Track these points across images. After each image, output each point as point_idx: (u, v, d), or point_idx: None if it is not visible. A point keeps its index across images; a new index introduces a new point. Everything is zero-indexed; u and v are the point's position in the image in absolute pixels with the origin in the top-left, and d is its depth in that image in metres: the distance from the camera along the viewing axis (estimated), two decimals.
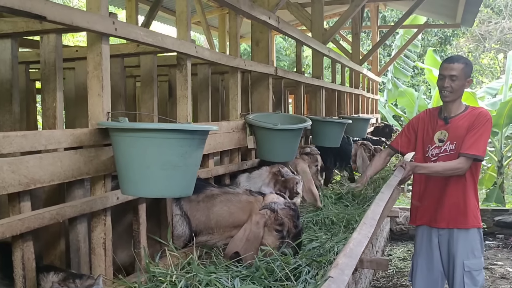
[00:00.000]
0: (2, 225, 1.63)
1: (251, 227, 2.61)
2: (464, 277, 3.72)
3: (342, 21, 6.52)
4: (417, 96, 14.28)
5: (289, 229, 2.68)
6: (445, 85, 3.70)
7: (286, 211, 2.71)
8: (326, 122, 4.71)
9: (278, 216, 2.68)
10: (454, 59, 3.78)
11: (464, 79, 3.70)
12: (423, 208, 3.92)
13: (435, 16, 12.53)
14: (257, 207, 2.70)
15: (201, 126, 2.06)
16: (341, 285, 1.49)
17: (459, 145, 3.71)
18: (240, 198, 2.76)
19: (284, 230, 2.66)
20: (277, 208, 2.70)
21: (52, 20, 1.84)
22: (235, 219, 2.71)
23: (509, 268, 7.79)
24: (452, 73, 3.67)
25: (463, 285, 3.72)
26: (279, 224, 2.66)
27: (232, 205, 2.73)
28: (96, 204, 2.09)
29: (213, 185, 2.95)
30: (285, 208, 2.73)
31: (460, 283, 3.74)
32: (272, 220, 2.67)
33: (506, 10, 22.60)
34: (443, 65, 3.75)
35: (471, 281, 3.73)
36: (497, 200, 11.32)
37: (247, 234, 2.60)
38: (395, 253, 8.76)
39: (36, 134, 1.79)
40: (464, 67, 3.69)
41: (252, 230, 2.62)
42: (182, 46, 2.76)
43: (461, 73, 3.67)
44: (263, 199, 2.76)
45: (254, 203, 2.73)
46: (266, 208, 2.69)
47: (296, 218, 2.72)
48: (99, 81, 2.19)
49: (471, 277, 3.73)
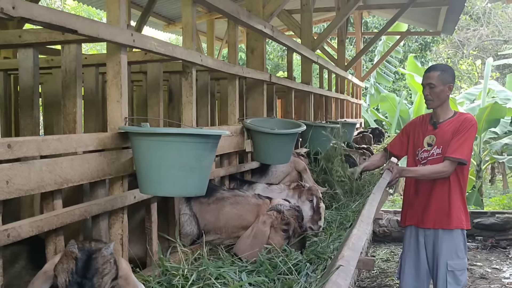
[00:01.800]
0: (41, 220, 1.80)
1: (258, 226, 2.80)
2: (447, 277, 3.89)
3: (331, 29, 6.75)
4: (398, 101, 14.60)
5: (295, 229, 2.86)
6: (426, 94, 3.94)
7: (291, 212, 2.90)
8: (317, 126, 4.91)
9: (284, 217, 2.86)
10: (431, 68, 4.01)
11: (442, 85, 3.89)
12: (412, 210, 4.13)
13: (417, 24, 12.87)
14: (264, 209, 2.89)
15: (215, 131, 2.25)
16: (348, 274, 1.68)
17: (445, 149, 3.89)
18: (249, 201, 2.95)
19: (290, 229, 2.84)
20: (283, 210, 2.89)
21: (82, 33, 2.01)
22: (243, 221, 2.90)
23: (488, 269, 8.06)
24: (429, 81, 3.90)
25: (446, 285, 3.89)
26: (285, 224, 2.84)
27: (241, 207, 2.92)
28: (116, 203, 2.26)
29: (223, 188, 3.13)
30: (291, 209, 2.92)
31: (443, 282, 3.91)
32: (279, 220, 2.85)
33: (484, 18, 23.15)
34: (423, 75, 4.01)
35: (454, 280, 3.90)
36: (476, 203, 11.64)
37: (254, 232, 2.78)
38: (379, 254, 8.98)
39: (68, 138, 1.96)
40: (440, 74, 3.89)
41: (259, 228, 2.80)
42: (189, 55, 2.94)
43: (438, 80, 3.88)
44: (270, 202, 2.95)
45: (262, 205, 2.92)
46: (273, 210, 2.88)
47: (301, 219, 2.92)
48: (118, 89, 2.36)
49: (454, 276, 3.91)
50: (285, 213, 2.85)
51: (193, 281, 2.34)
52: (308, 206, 3.41)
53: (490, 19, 23.31)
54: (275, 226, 2.84)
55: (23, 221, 1.77)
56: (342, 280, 1.62)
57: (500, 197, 13.05)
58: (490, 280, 7.54)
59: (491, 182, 17.53)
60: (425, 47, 19.86)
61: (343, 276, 1.66)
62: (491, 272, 7.95)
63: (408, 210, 4.19)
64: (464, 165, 3.90)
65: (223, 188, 3.15)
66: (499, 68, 21.52)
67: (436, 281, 4.00)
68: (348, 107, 9.32)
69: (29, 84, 2.54)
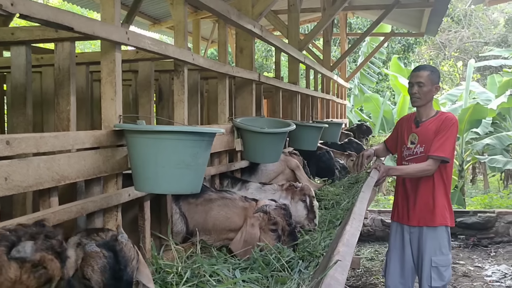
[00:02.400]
0: (38, 217, 1.79)
1: (247, 229, 2.83)
2: (432, 273, 3.96)
3: (317, 30, 6.80)
4: (382, 102, 14.74)
5: (283, 227, 2.89)
6: (414, 92, 4.01)
7: (277, 211, 2.93)
8: (305, 126, 4.95)
9: (271, 217, 2.89)
10: (421, 67, 4.11)
11: (431, 85, 3.99)
12: (398, 207, 4.20)
13: (401, 25, 13.00)
14: (251, 212, 2.92)
15: (211, 129, 2.26)
16: (345, 269, 1.71)
17: (427, 147, 3.98)
18: (237, 204, 2.97)
19: (278, 229, 2.87)
20: (269, 210, 2.91)
21: (78, 31, 2.02)
22: (231, 223, 2.92)
23: (470, 267, 8.18)
24: (419, 80, 3.98)
25: (430, 280, 3.96)
26: (273, 223, 2.87)
27: (228, 210, 2.94)
28: (112, 200, 2.26)
29: (211, 190, 3.15)
30: (277, 208, 2.94)
31: (427, 278, 3.98)
32: (266, 221, 2.88)
33: (465, 20, 23.45)
34: (412, 74, 4.09)
35: (438, 276, 3.97)
36: (458, 203, 11.80)
37: (244, 236, 2.81)
38: (363, 253, 9.05)
39: (65, 135, 1.96)
40: (430, 74, 3.99)
41: (248, 231, 2.83)
42: (181, 54, 2.95)
43: (427, 80, 3.97)
44: (256, 204, 2.98)
45: (248, 208, 2.95)
46: (259, 212, 2.90)
47: (288, 217, 2.94)
48: (112, 87, 2.36)
49: (438, 272, 3.98)
50: (272, 213, 2.88)
51: (188, 279, 2.36)
52: (302, 206, 3.46)
53: (471, 21, 23.64)
54: (263, 227, 2.87)
55: (21, 218, 1.77)
56: (340, 275, 1.65)
57: (481, 197, 13.24)
58: (473, 278, 7.65)
59: (472, 182, 17.76)
60: (408, 49, 20.06)
61: (340, 271, 1.69)
62: (474, 270, 8.07)
63: (395, 207, 4.26)
64: (447, 163, 3.98)
65: (211, 189, 3.17)
66: (480, 70, 21.82)
67: (421, 277, 4.07)
68: (333, 107, 9.38)
69: (21, 81, 2.53)
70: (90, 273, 1.67)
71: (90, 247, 1.69)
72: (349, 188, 5.08)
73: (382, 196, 14.25)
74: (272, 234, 2.87)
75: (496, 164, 11.33)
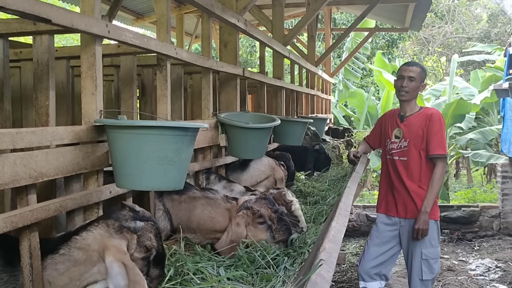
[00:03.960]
0: (15, 215, 1.73)
1: (233, 229, 2.80)
2: (422, 265, 4.00)
3: (302, 24, 6.76)
4: (366, 97, 14.76)
5: (270, 216, 2.86)
6: (404, 85, 4.02)
7: (259, 203, 2.90)
8: (290, 121, 4.91)
9: (254, 211, 2.86)
10: (413, 63, 4.16)
11: (420, 82, 4.05)
12: (389, 200, 4.20)
13: (385, 20, 13.00)
14: (234, 212, 2.88)
15: (194, 124, 2.21)
16: (331, 266, 1.68)
17: (411, 142, 4.03)
18: (220, 204, 2.93)
19: (266, 220, 2.84)
20: (250, 204, 2.88)
21: (56, 23, 1.95)
22: (216, 224, 2.88)
23: (455, 261, 8.23)
24: (411, 74, 4.01)
25: (421, 273, 4.00)
26: (258, 216, 2.84)
27: (212, 210, 2.90)
28: (92, 197, 2.21)
29: (195, 188, 3.10)
30: (257, 201, 2.91)
31: (418, 270, 4.02)
32: (251, 216, 2.85)
33: (449, 15, 23.59)
34: (403, 67, 4.09)
35: (428, 269, 4.02)
36: (442, 197, 11.88)
37: (231, 236, 2.78)
38: (348, 248, 9.06)
39: (43, 131, 1.90)
40: (421, 71, 4.06)
41: (235, 231, 2.80)
42: (164, 48, 2.89)
43: (418, 76, 4.03)
44: (237, 203, 2.94)
45: (231, 209, 2.91)
46: (242, 209, 2.87)
47: (271, 205, 2.91)
48: (92, 81, 2.30)
49: (429, 265, 4.02)
50: (254, 207, 2.85)
51: (171, 277, 2.31)
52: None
53: (454, 16, 23.79)
54: (250, 224, 2.83)
55: None
56: (326, 272, 1.62)
57: (465, 191, 13.35)
58: (457, 272, 7.69)
59: (456, 176, 17.91)
60: (392, 44, 20.12)
61: (326, 268, 1.66)
62: (458, 264, 8.12)
63: (383, 199, 4.26)
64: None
65: (195, 188, 3.12)
66: (463, 65, 21.97)
67: (411, 269, 4.10)
68: (318, 103, 9.37)
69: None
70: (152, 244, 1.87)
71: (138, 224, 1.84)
72: (334, 184, 5.07)
73: (367, 191, 14.30)
74: (261, 226, 2.84)
75: (480, 158, 11.41)
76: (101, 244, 1.68)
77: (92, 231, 1.73)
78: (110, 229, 1.74)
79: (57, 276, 1.76)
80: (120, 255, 1.65)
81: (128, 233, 1.77)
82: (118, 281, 1.60)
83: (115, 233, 1.73)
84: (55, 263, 1.76)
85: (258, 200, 2.92)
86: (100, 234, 1.72)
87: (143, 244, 1.81)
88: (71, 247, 1.75)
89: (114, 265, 1.63)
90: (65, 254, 1.75)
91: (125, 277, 1.61)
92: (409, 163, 4.05)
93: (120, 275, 1.60)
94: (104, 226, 1.74)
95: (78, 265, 1.72)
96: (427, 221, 3.95)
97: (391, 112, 4.43)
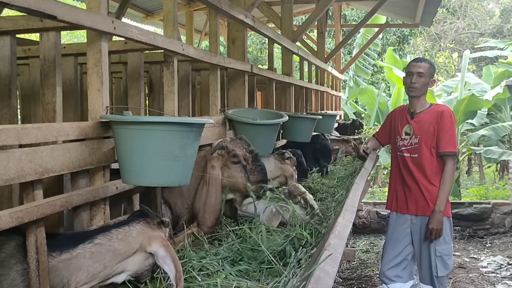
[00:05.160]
0: (21, 211, 1.75)
1: (208, 172, 2.74)
2: (437, 262, 4.01)
3: (311, 21, 6.74)
4: (377, 94, 14.69)
5: (245, 156, 2.79)
6: (413, 81, 4.03)
7: (233, 142, 2.83)
8: (298, 118, 4.90)
9: (229, 149, 2.79)
10: (422, 59, 4.16)
11: (429, 77, 4.06)
12: (399, 197, 4.19)
13: (395, 16, 12.92)
14: (208, 155, 2.82)
15: (199, 119, 2.21)
16: (336, 261, 1.67)
17: (422, 139, 4.04)
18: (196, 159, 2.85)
19: (240, 159, 2.78)
20: (225, 144, 2.80)
21: (61, 20, 1.96)
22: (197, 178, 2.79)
23: (466, 258, 8.19)
24: (420, 70, 4.01)
25: (436, 270, 4.00)
26: (233, 156, 2.78)
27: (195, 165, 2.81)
28: (98, 193, 2.21)
29: None
30: (232, 140, 2.85)
31: (433, 267, 4.02)
32: (226, 156, 2.78)
33: (461, 11, 23.38)
34: (412, 64, 4.09)
35: (442, 265, 4.02)
36: (454, 194, 11.80)
37: (207, 180, 2.73)
38: (358, 245, 9.04)
39: (48, 127, 1.91)
40: (430, 67, 4.06)
41: (210, 173, 2.74)
42: (170, 44, 2.89)
43: (427, 72, 4.03)
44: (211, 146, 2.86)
45: (205, 154, 2.84)
46: (216, 149, 2.79)
47: (246, 145, 2.83)
48: (98, 77, 2.31)
49: (443, 261, 4.03)
50: (228, 146, 2.78)
51: None
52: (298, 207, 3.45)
53: (466, 12, 23.57)
54: (225, 164, 2.77)
55: (3, 211, 1.71)
56: (330, 268, 1.61)
57: (477, 188, 13.25)
58: (468, 269, 7.66)
59: (468, 173, 17.78)
60: (403, 40, 19.98)
61: (331, 263, 1.66)
62: (469, 261, 8.08)
63: (393, 197, 4.25)
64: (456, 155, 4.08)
65: None
66: (475, 61, 21.77)
67: (426, 267, 4.10)
68: (328, 99, 9.33)
69: (6, 73, 2.47)
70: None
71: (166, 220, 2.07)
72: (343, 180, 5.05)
73: (378, 188, 14.24)
74: (236, 166, 2.78)
75: (492, 155, 11.31)
76: (146, 236, 1.97)
77: (135, 227, 1.99)
78: (151, 225, 2.02)
79: (91, 264, 1.89)
80: (164, 242, 1.99)
81: (164, 228, 2.07)
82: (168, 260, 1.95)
83: (156, 228, 2.03)
84: (91, 252, 1.89)
85: (234, 140, 2.85)
86: (143, 229, 1.99)
87: (171, 235, 2.14)
88: (111, 238, 1.94)
89: (161, 250, 1.96)
90: (103, 244, 1.92)
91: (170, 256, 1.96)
92: (420, 160, 4.04)
93: (168, 257, 1.96)
94: (145, 223, 2.01)
95: (117, 255, 1.93)
96: (441, 220, 3.94)
97: (401, 108, 4.41)
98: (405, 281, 4.18)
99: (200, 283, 2.24)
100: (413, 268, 4.28)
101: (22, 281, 1.84)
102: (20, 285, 1.83)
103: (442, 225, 3.93)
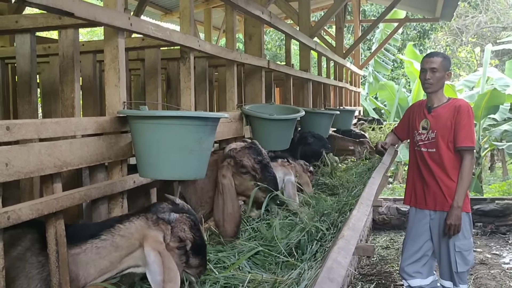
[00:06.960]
0: (41, 203, 1.79)
1: (221, 182, 2.74)
2: (456, 257, 3.98)
3: (329, 16, 6.73)
4: (397, 89, 14.56)
5: (253, 167, 2.77)
6: (427, 77, 4.00)
7: (242, 151, 2.78)
8: (316, 113, 4.91)
9: (237, 160, 2.77)
10: (434, 54, 4.11)
11: (443, 71, 4.01)
12: (417, 193, 4.18)
13: (415, 11, 12.81)
14: (219, 163, 2.81)
15: (214, 114, 2.24)
16: (348, 252, 1.69)
17: (439, 134, 4.01)
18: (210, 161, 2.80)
19: (249, 170, 2.77)
20: (234, 154, 2.78)
21: (79, 16, 2.00)
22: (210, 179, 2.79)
23: (488, 255, 8.09)
24: (433, 65, 3.97)
25: (456, 266, 3.98)
26: (241, 167, 2.77)
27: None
28: (116, 187, 2.26)
29: None
30: (242, 149, 2.79)
31: (452, 263, 4.00)
32: (234, 166, 2.77)
33: (483, 4, 23.04)
34: (424, 60, 4.07)
35: (462, 261, 4.00)
36: (476, 190, 11.66)
37: (220, 190, 2.73)
38: (378, 242, 8.99)
39: (67, 121, 1.96)
40: (443, 61, 4.01)
41: (222, 183, 2.74)
42: (187, 40, 2.92)
43: (441, 66, 3.98)
44: (223, 152, 2.83)
45: (217, 159, 2.83)
46: (226, 158, 2.78)
47: (254, 155, 2.79)
48: (116, 73, 2.35)
49: (462, 257, 4.00)
50: (237, 157, 2.76)
51: None
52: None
53: (488, 6, 23.21)
54: (235, 173, 2.77)
55: (23, 204, 1.76)
56: (343, 258, 1.63)
57: (500, 184, 13.07)
58: (490, 266, 7.57)
59: (491, 169, 17.56)
60: (423, 35, 19.76)
61: (343, 254, 1.67)
62: (491, 257, 7.98)
63: (412, 192, 4.23)
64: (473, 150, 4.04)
65: None
66: (498, 55, 21.46)
67: (444, 263, 4.08)
68: (346, 95, 9.30)
69: (26, 69, 2.53)
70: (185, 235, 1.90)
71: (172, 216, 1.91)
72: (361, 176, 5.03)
73: (398, 184, 14.13)
74: (245, 176, 2.77)
75: None
76: (141, 234, 1.86)
77: (134, 222, 1.90)
78: (149, 221, 1.91)
79: (98, 259, 1.88)
80: (156, 245, 1.82)
81: (163, 225, 1.91)
82: (154, 267, 1.77)
83: (152, 225, 1.90)
84: (97, 247, 1.89)
85: (243, 149, 2.79)
86: (141, 225, 1.89)
87: (176, 234, 1.92)
88: (114, 234, 1.90)
89: (151, 254, 1.80)
90: (107, 240, 1.90)
91: (160, 264, 1.78)
92: (437, 155, 4.02)
93: (155, 263, 1.77)
94: (144, 219, 1.91)
95: (120, 250, 1.89)
96: (459, 216, 3.91)
97: (419, 103, 4.39)
98: (425, 277, 4.17)
99: (216, 275, 2.26)
100: (433, 264, 4.26)
101: (37, 274, 1.87)
102: (36, 277, 1.87)
103: (460, 221, 3.90)
